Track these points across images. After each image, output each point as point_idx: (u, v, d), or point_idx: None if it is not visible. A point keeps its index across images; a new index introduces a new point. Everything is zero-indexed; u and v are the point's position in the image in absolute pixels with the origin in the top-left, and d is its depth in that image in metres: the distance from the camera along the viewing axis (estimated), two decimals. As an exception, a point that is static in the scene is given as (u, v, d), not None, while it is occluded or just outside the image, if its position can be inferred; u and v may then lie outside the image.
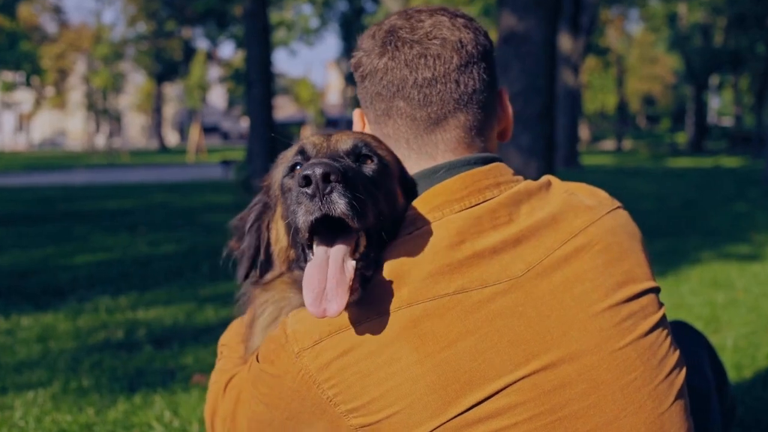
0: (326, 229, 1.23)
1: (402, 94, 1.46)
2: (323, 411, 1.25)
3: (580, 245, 1.33)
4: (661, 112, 72.46)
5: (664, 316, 1.38)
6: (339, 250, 1.23)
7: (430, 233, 1.30)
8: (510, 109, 1.60)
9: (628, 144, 52.93)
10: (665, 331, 1.36)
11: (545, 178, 1.47)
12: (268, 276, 1.46)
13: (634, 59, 62.04)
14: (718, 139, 51.28)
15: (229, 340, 1.66)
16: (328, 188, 1.16)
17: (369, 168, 1.35)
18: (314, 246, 1.26)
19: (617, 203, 1.50)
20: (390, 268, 1.26)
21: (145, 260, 7.32)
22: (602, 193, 1.51)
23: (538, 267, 1.29)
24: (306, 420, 1.29)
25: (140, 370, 3.86)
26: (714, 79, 50.78)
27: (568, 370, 1.23)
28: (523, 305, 1.25)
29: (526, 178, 1.47)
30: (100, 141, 59.13)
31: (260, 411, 1.36)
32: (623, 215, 1.48)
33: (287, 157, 1.44)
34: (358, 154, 1.36)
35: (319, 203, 1.17)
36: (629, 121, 72.06)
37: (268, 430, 1.37)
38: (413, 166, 1.48)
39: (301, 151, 1.38)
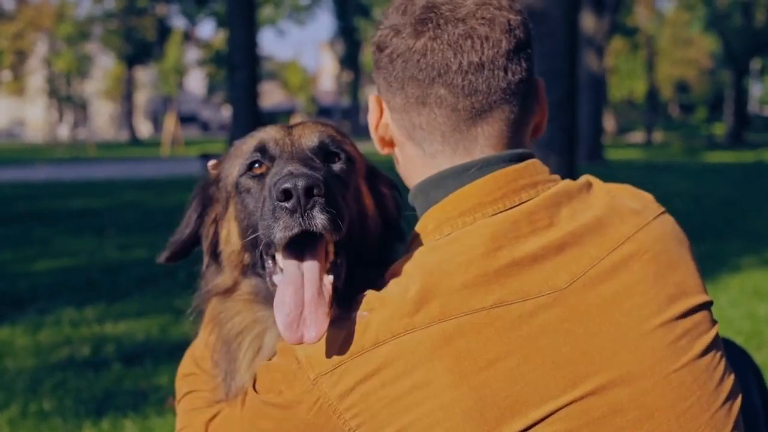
0: (294, 239, 1.24)
1: (443, 80, 1.42)
2: None
3: (628, 254, 1.33)
4: (696, 100, 72.53)
5: (717, 335, 1.38)
6: (314, 266, 1.24)
7: (461, 240, 1.29)
8: (546, 102, 1.59)
9: (659, 136, 52.96)
10: (720, 352, 1.36)
11: (584, 178, 1.47)
12: (219, 282, 1.46)
13: (666, 41, 62.07)
14: (761, 130, 51.37)
15: (192, 369, 1.60)
16: (311, 203, 1.18)
17: (337, 167, 1.37)
18: (284, 259, 1.27)
19: (662, 207, 1.50)
20: (418, 280, 1.25)
21: (115, 267, 7.32)
22: (647, 196, 1.51)
23: (583, 278, 1.28)
24: None
25: (108, 391, 3.86)
26: (755, 63, 50.83)
27: (619, 394, 1.22)
28: (569, 321, 1.24)
29: (563, 178, 1.46)
30: (64, 132, 59.08)
31: None
32: (670, 220, 1.48)
33: (243, 151, 1.44)
34: (326, 152, 1.38)
35: (300, 219, 1.18)
36: (660, 110, 72.08)
37: None
38: (445, 162, 1.46)
39: (260, 149, 1.39)
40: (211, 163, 1.56)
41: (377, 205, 1.47)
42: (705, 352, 1.31)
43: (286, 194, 1.17)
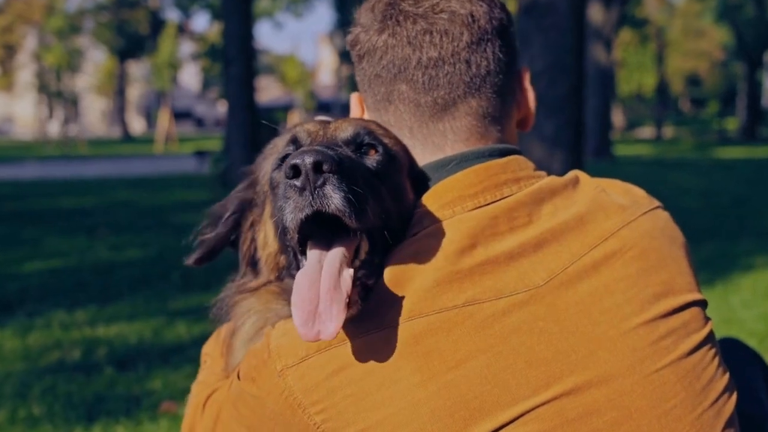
0: (321, 231, 1.23)
1: (404, 77, 1.47)
2: None
3: (611, 251, 1.34)
4: (707, 94, 72.50)
5: (710, 333, 1.38)
6: (334, 256, 1.22)
7: (437, 235, 1.30)
8: (532, 93, 1.62)
9: (669, 131, 53.00)
10: (712, 351, 1.36)
11: (572, 173, 1.48)
12: (253, 283, 1.47)
13: (677, 32, 62.08)
14: (775, 125, 51.28)
15: (212, 349, 1.68)
16: (321, 180, 1.15)
17: (372, 159, 1.36)
18: (308, 251, 1.25)
19: (656, 203, 1.51)
20: (390, 275, 1.26)
21: (106, 268, 7.33)
22: (638, 191, 1.52)
23: (561, 275, 1.29)
24: None
25: (100, 396, 3.87)
26: (769, 56, 50.81)
27: (595, 395, 1.23)
28: (544, 320, 1.25)
29: (550, 173, 1.47)
30: (54, 128, 59.15)
31: None
32: (663, 216, 1.48)
33: (278, 146, 1.45)
34: (360, 144, 1.37)
35: (310, 198, 1.16)
36: (671, 104, 72.12)
37: None
38: (418, 158, 1.49)
39: (294, 140, 1.39)
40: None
41: None
42: (693, 351, 1.31)
43: (295, 171, 1.16)
